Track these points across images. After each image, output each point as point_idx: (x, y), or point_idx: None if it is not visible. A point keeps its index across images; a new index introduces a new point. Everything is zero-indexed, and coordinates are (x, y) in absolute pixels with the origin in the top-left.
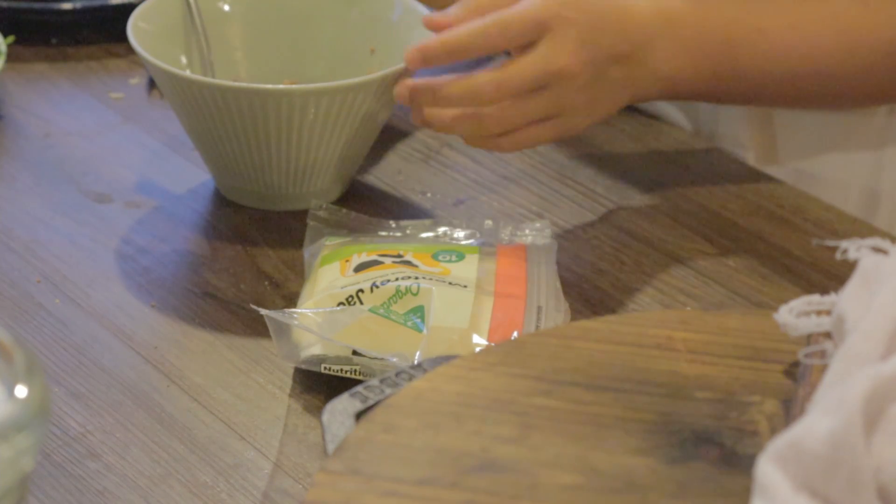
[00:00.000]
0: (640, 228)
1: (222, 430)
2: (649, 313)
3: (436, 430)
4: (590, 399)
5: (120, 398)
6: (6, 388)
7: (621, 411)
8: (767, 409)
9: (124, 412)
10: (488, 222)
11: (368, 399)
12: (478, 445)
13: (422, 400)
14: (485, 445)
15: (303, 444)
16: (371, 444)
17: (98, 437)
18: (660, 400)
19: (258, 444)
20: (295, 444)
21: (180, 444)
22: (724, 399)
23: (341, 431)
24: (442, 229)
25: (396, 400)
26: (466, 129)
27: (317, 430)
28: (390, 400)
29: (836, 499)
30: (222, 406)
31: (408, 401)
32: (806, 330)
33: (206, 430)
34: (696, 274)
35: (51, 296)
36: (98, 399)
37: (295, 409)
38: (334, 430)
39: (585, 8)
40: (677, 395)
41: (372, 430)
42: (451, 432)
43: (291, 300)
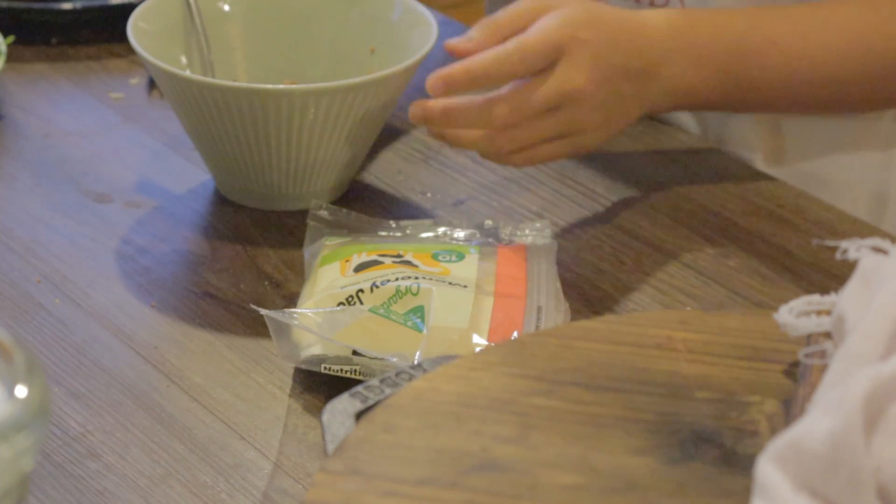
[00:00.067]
0: (640, 228)
1: (222, 430)
2: (649, 313)
3: (436, 430)
4: (590, 399)
5: (120, 398)
6: (6, 388)
7: (621, 411)
8: (767, 409)
9: (124, 412)
10: (488, 222)
11: (368, 399)
12: (478, 445)
13: (422, 400)
14: (485, 445)
15: (303, 444)
16: (371, 444)
17: (98, 437)
18: (660, 400)
19: (258, 444)
20: (295, 444)
21: (180, 444)
22: (724, 399)
23: (341, 431)
24: (442, 229)
25: (396, 400)
26: (480, 148)
27: (317, 430)
28: (390, 400)
29: (836, 499)
30: (222, 406)
31: (408, 401)
32: (806, 330)
33: (206, 430)
34: (696, 274)
35: (51, 296)
36: (98, 399)
37: (295, 409)
38: (334, 430)
39: (600, 27)
40: (677, 395)
41: (372, 430)
42: (451, 432)
43: (291, 300)
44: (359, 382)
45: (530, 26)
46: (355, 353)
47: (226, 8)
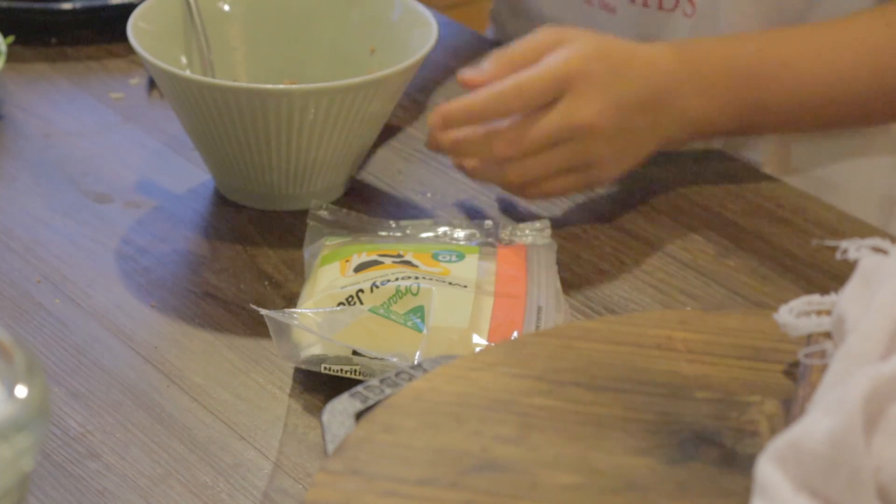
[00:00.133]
0: (640, 228)
1: (222, 430)
2: (649, 313)
3: (436, 430)
4: (590, 399)
5: (120, 398)
6: (6, 388)
7: (621, 411)
8: (767, 409)
9: (124, 412)
10: (488, 222)
11: (368, 399)
12: (478, 445)
13: (422, 400)
14: (485, 445)
15: (303, 444)
16: (371, 444)
17: (98, 437)
18: (660, 400)
19: (258, 444)
20: (295, 444)
21: (180, 444)
22: (724, 399)
23: (341, 431)
24: (442, 229)
25: (396, 400)
26: (491, 179)
27: (317, 430)
28: (390, 400)
29: (836, 499)
30: (222, 406)
31: (408, 401)
32: (806, 330)
33: (206, 430)
34: (696, 274)
35: (51, 296)
36: (98, 399)
37: (295, 409)
38: (334, 430)
39: (608, 60)
40: (677, 395)
41: (372, 430)
42: (451, 432)
43: (291, 300)
44: (359, 382)
45: (542, 59)
46: (355, 353)
47: (226, 8)
